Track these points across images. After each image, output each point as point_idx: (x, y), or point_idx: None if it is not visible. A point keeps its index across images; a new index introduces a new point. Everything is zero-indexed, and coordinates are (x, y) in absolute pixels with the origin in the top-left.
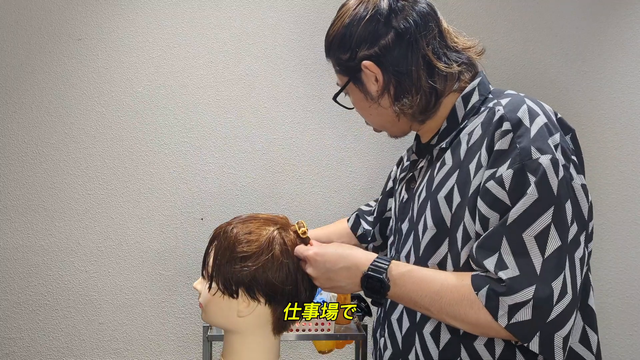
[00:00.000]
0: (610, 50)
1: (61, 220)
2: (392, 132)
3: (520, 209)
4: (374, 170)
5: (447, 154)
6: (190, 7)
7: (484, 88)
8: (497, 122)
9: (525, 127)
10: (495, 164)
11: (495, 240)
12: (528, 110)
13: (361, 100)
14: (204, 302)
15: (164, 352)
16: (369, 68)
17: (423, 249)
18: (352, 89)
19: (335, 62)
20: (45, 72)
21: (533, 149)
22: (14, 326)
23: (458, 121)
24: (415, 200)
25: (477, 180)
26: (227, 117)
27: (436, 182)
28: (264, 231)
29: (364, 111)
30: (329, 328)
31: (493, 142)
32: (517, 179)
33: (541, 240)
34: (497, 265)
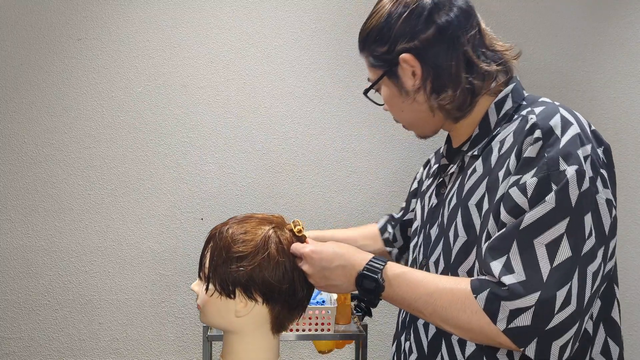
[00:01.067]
0: (610, 50)
1: (61, 221)
2: (422, 130)
3: (536, 215)
4: (374, 170)
5: (478, 161)
6: (190, 7)
7: (518, 94)
8: (528, 130)
9: (556, 137)
10: (522, 171)
11: (506, 243)
12: (561, 119)
13: (395, 96)
14: (202, 303)
15: (164, 352)
16: (408, 61)
17: (454, 257)
18: (386, 84)
19: (369, 55)
20: (45, 72)
21: (561, 160)
22: (14, 326)
23: (490, 128)
24: (446, 206)
25: (503, 187)
26: (227, 117)
27: (467, 190)
28: (260, 230)
29: (396, 107)
30: (329, 328)
31: (522, 149)
32: (539, 187)
33: (552, 248)
34: (503, 269)
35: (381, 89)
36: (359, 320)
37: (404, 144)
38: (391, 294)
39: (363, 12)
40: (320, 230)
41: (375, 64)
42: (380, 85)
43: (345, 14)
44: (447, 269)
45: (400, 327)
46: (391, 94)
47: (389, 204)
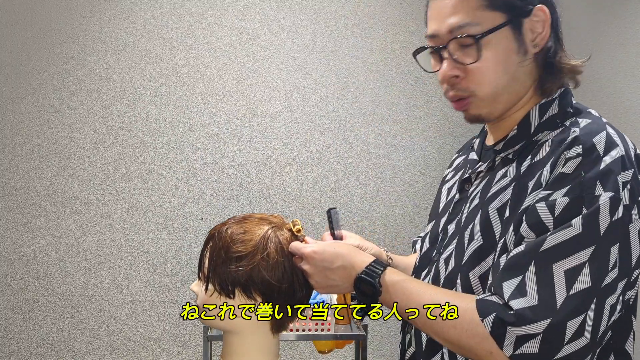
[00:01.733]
0: (610, 50)
1: (61, 220)
2: (495, 107)
3: (559, 239)
4: (374, 170)
5: (511, 166)
6: (190, 7)
7: (566, 101)
8: (569, 143)
9: (597, 156)
10: (554, 187)
11: (523, 263)
12: (606, 138)
13: (509, 52)
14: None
15: (164, 352)
16: (544, 16)
17: (466, 259)
18: (503, 35)
19: None
20: (45, 72)
21: (598, 184)
22: (14, 326)
23: (530, 131)
24: (467, 205)
25: (531, 199)
26: (227, 117)
27: (491, 192)
28: (259, 230)
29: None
30: (329, 328)
31: (558, 162)
32: (569, 209)
33: (571, 275)
34: (515, 291)
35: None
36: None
37: (403, 144)
38: (387, 300)
39: (363, 12)
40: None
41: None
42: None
43: (345, 14)
44: (456, 269)
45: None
46: (507, 49)
47: (389, 203)
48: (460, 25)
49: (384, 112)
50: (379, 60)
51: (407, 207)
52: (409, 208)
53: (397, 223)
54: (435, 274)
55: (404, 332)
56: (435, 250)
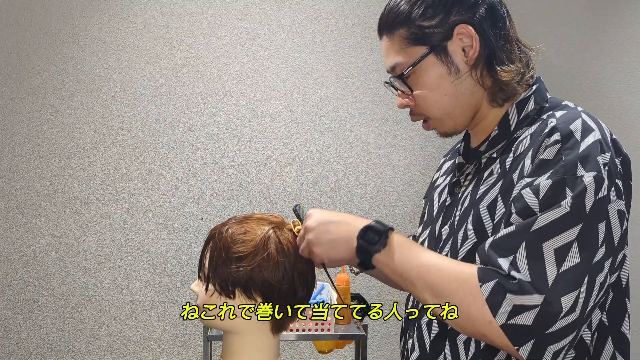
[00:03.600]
0: (610, 50)
1: (61, 221)
2: (455, 122)
3: (548, 219)
4: (374, 170)
5: (495, 164)
6: (190, 7)
7: (541, 96)
8: (547, 133)
9: (575, 140)
10: (536, 173)
11: (514, 242)
12: (582, 124)
13: (442, 76)
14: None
15: (164, 352)
16: (465, 33)
17: (461, 258)
18: (430, 63)
19: (409, 32)
20: (45, 72)
21: (579, 165)
22: (14, 326)
23: (510, 129)
24: (459, 207)
25: (516, 189)
26: (227, 117)
27: (480, 191)
28: (259, 231)
29: (439, 90)
30: (329, 328)
31: (539, 151)
32: (553, 190)
33: (560, 254)
34: (510, 267)
35: (416, 73)
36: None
37: (403, 144)
38: (388, 257)
39: (363, 12)
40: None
41: (418, 41)
42: (421, 67)
43: (345, 14)
44: None
45: (405, 322)
46: (437, 75)
47: (389, 203)
48: (393, 65)
49: (384, 112)
50: (379, 60)
51: (406, 207)
52: (408, 208)
53: (396, 223)
54: None
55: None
56: None
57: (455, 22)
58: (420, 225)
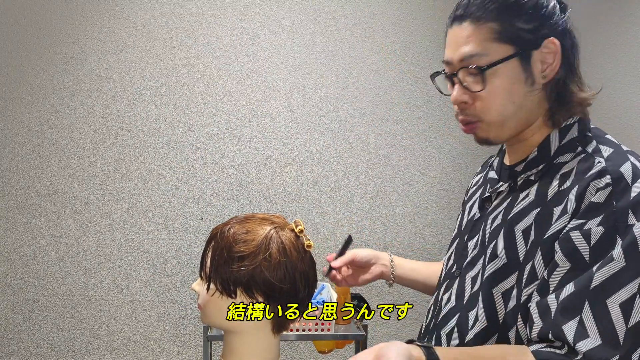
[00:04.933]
0: (610, 50)
1: (61, 220)
2: (504, 131)
3: (606, 274)
4: (374, 170)
5: (533, 187)
6: (190, 7)
7: (584, 125)
8: (596, 174)
9: (626, 185)
10: (587, 216)
11: (577, 303)
12: (632, 167)
13: (516, 82)
14: (203, 303)
15: (164, 352)
16: (553, 47)
17: (488, 275)
18: (512, 66)
19: (501, 28)
20: (45, 72)
21: (630, 213)
22: (14, 326)
23: (550, 153)
24: (488, 223)
25: (558, 225)
26: (227, 117)
27: (515, 213)
28: (261, 230)
29: (508, 95)
30: (329, 328)
31: (586, 192)
32: (605, 238)
33: (626, 308)
34: (577, 334)
35: (494, 71)
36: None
37: (404, 144)
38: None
39: (363, 11)
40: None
41: (509, 39)
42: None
43: (345, 14)
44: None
45: (422, 333)
46: (515, 79)
47: (389, 203)
48: (470, 55)
49: (384, 112)
50: (379, 60)
51: (406, 207)
52: (408, 207)
53: (397, 222)
54: (460, 290)
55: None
56: (456, 266)
57: (546, 34)
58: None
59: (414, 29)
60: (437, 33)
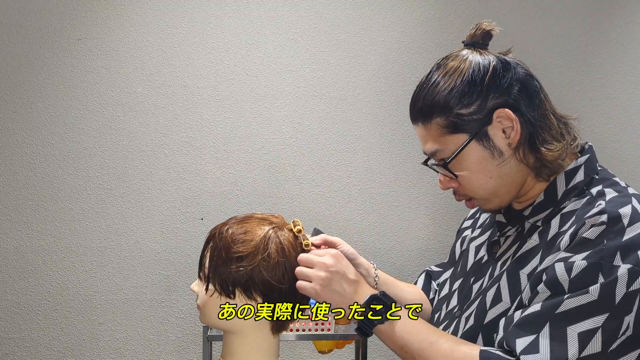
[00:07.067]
0: (610, 50)
1: (61, 220)
2: (502, 199)
3: (575, 303)
4: (374, 170)
5: (537, 232)
6: (190, 7)
7: (591, 167)
8: (594, 212)
9: (622, 226)
10: (575, 249)
11: (538, 322)
12: (632, 210)
13: (485, 160)
14: (202, 303)
15: (164, 352)
16: (505, 116)
17: (490, 319)
18: (472, 149)
19: (446, 122)
20: (45, 72)
21: (618, 254)
22: (14, 326)
23: (557, 197)
24: (497, 268)
25: (549, 260)
26: (227, 117)
27: (521, 257)
28: (260, 231)
29: (483, 174)
30: (329, 328)
31: (581, 228)
32: (586, 272)
33: (584, 339)
34: (528, 347)
35: (458, 159)
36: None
37: (404, 144)
38: (389, 328)
39: (363, 11)
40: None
41: (458, 128)
42: (460, 155)
43: (345, 14)
44: (476, 328)
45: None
46: (481, 159)
47: (389, 203)
48: (433, 152)
49: (384, 112)
50: (379, 60)
51: (406, 207)
52: (408, 208)
53: (396, 223)
54: (455, 329)
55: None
56: (458, 307)
57: (493, 106)
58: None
59: (414, 29)
60: (437, 33)
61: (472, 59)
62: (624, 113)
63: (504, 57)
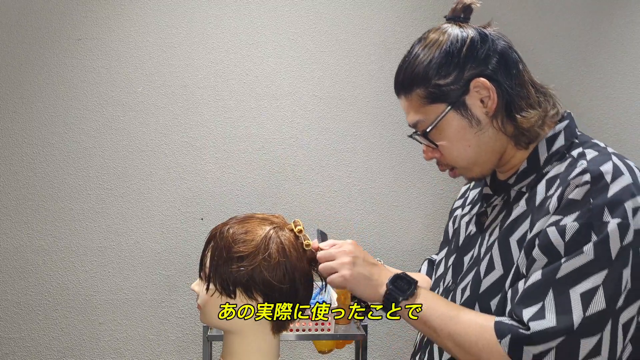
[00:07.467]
0: (610, 50)
1: (61, 220)
2: (482, 168)
3: (573, 265)
4: (374, 169)
5: (524, 198)
6: (190, 7)
7: (571, 132)
8: (577, 173)
9: (605, 183)
10: (564, 212)
11: (541, 291)
12: (613, 167)
13: (463, 129)
14: (202, 303)
15: (164, 352)
16: (482, 86)
17: (485, 288)
18: (451, 118)
19: (427, 91)
20: (45, 72)
21: (606, 210)
22: (14, 326)
23: (539, 164)
24: (486, 238)
25: (540, 225)
26: (227, 117)
27: (509, 224)
28: (260, 231)
29: (462, 142)
30: (329, 328)
31: (567, 190)
32: (579, 234)
33: (586, 298)
34: (535, 316)
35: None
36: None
37: (404, 144)
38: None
39: (363, 11)
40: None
41: (435, 98)
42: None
43: (345, 14)
44: (473, 297)
45: (417, 347)
46: (459, 128)
47: (389, 203)
48: (414, 123)
49: (384, 112)
50: (379, 61)
51: (406, 207)
52: (408, 208)
53: (396, 223)
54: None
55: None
56: (451, 281)
57: (470, 76)
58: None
59: (414, 29)
60: None
61: (451, 31)
62: (624, 113)
63: (483, 29)
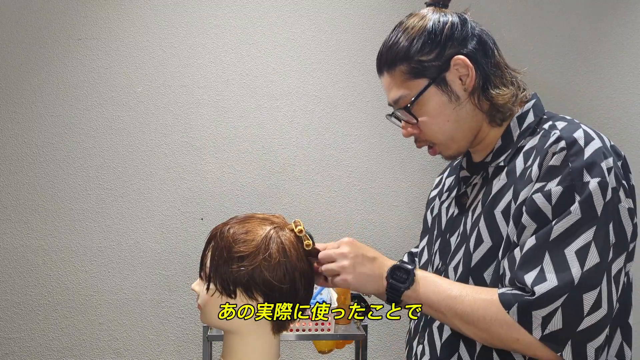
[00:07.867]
0: (610, 50)
1: (61, 220)
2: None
3: (564, 226)
4: (374, 169)
5: (503, 172)
6: (190, 7)
7: (539, 109)
8: (552, 141)
9: (580, 147)
10: (546, 178)
11: (538, 255)
12: (584, 133)
13: (443, 104)
14: (203, 303)
15: (164, 352)
16: (461, 63)
17: (477, 261)
18: (431, 93)
19: (408, 68)
20: (45, 72)
21: (585, 171)
22: (14, 326)
23: (513, 139)
24: (469, 216)
25: (525, 193)
26: (227, 117)
27: (492, 198)
28: (261, 230)
29: (442, 118)
30: (329, 328)
31: (546, 158)
32: (564, 196)
33: (581, 255)
34: (536, 280)
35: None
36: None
37: (404, 144)
38: (415, 292)
39: (363, 12)
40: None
41: (419, 74)
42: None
43: (345, 14)
44: (465, 273)
45: (413, 332)
46: (439, 103)
47: (389, 203)
48: (396, 99)
49: (384, 112)
50: None
51: (406, 206)
52: (408, 208)
53: (396, 223)
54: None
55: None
56: (441, 263)
57: (450, 54)
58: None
59: None
60: None
61: (431, 16)
62: (624, 113)
63: (462, 14)
